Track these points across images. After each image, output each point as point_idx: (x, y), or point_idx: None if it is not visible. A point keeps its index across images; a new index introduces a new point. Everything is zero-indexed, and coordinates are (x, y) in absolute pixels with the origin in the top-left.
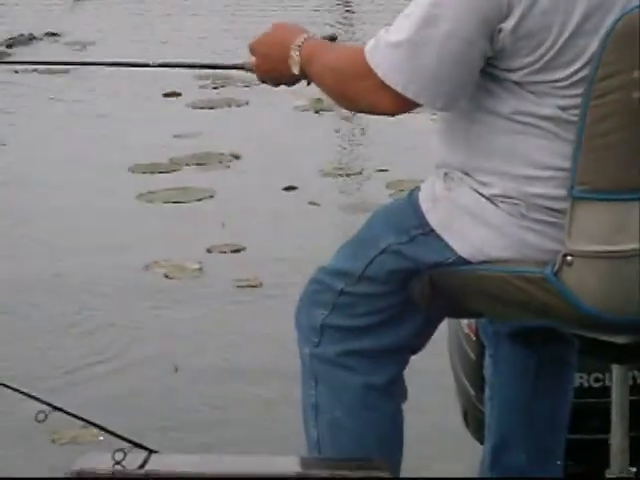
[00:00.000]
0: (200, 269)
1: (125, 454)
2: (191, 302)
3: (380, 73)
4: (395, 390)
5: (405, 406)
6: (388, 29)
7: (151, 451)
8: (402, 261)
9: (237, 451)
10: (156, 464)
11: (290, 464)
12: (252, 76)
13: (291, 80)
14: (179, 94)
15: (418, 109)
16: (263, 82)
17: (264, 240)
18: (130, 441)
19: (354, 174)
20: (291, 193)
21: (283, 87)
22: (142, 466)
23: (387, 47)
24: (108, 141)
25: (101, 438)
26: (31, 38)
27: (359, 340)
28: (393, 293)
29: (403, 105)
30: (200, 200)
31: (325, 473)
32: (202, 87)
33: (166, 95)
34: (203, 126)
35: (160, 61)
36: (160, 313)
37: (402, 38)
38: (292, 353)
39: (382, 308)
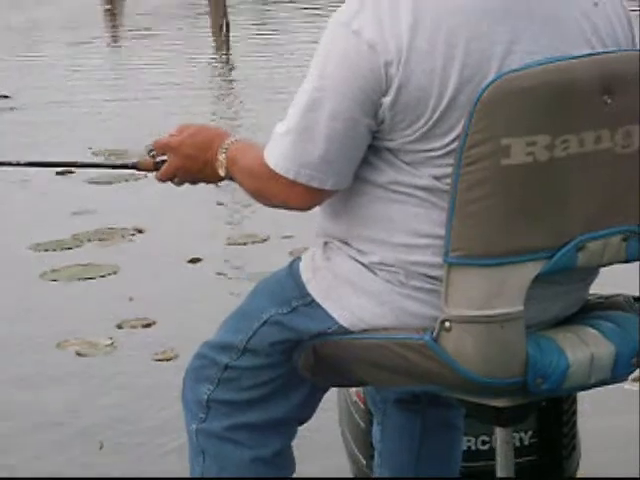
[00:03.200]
0: (112, 344)
1: None
2: (109, 378)
3: (272, 164)
4: (283, 462)
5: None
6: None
7: None
8: (284, 332)
9: None
10: None
11: None
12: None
13: (214, 181)
14: (72, 171)
15: None
16: (166, 181)
17: (174, 313)
18: None
19: (260, 242)
20: (197, 265)
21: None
22: None
23: (277, 138)
24: (2, 222)
25: None
26: None
27: (246, 414)
28: (277, 365)
29: (313, 197)
30: (104, 276)
31: None
32: None
33: (59, 173)
34: (101, 202)
35: (30, 160)
36: (77, 391)
37: (289, 126)
38: None
39: (267, 380)
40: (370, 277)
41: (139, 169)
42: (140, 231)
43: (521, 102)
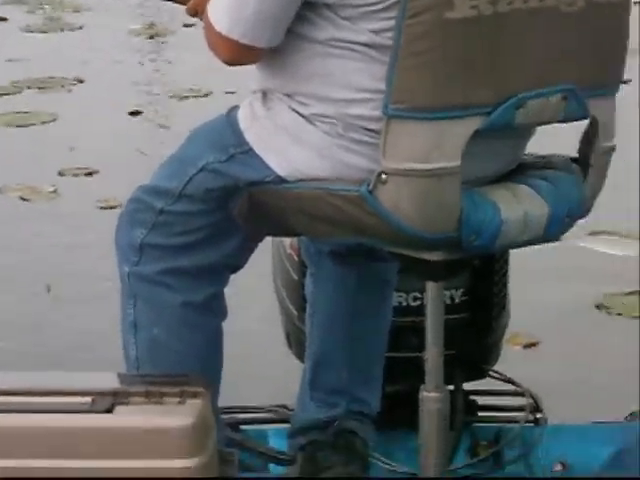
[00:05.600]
0: (55, 191)
1: None
2: (55, 223)
3: (211, 18)
4: (215, 308)
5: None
6: None
7: None
8: (220, 179)
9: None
10: None
11: (104, 380)
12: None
13: None
14: (5, 19)
15: None
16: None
17: (116, 163)
18: None
19: (202, 96)
20: (137, 117)
21: None
22: None
23: None
24: None
25: None
26: None
27: (178, 258)
28: (212, 211)
29: (244, 54)
30: (44, 123)
31: (140, 388)
32: (29, 12)
33: None
34: (37, 50)
35: None
36: (23, 234)
37: None
38: None
39: (201, 226)
40: (310, 128)
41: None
42: (80, 81)
43: None
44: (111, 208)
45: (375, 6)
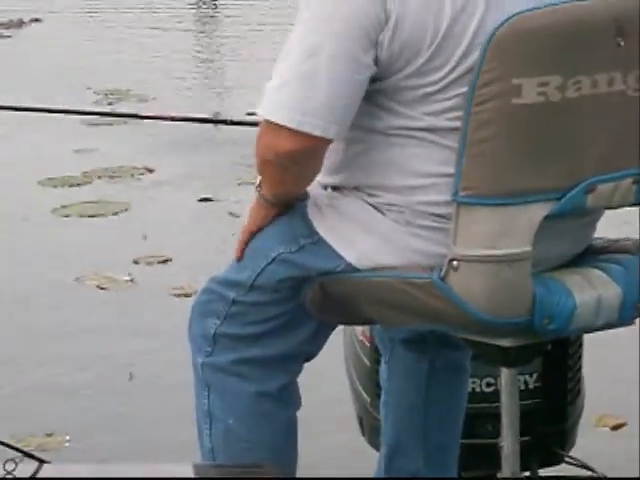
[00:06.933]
0: (132, 280)
1: (16, 464)
2: (132, 312)
3: (273, 118)
4: (288, 397)
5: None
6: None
7: (42, 461)
8: (292, 269)
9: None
10: (47, 474)
11: (180, 471)
12: (146, 92)
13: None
14: (69, 111)
15: None
16: None
17: (189, 250)
18: (22, 451)
19: None
20: (208, 204)
21: None
22: (33, 476)
23: (273, 92)
24: (8, 157)
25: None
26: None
27: (252, 348)
28: (284, 301)
29: (312, 145)
30: (117, 213)
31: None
32: (95, 102)
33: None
34: (103, 142)
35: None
36: (103, 324)
37: (286, 77)
38: None
39: (274, 316)
40: (378, 217)
41: None
42: (150, 170)
43: (533, 42)
44: (186, 296)
45: (431, 87)
